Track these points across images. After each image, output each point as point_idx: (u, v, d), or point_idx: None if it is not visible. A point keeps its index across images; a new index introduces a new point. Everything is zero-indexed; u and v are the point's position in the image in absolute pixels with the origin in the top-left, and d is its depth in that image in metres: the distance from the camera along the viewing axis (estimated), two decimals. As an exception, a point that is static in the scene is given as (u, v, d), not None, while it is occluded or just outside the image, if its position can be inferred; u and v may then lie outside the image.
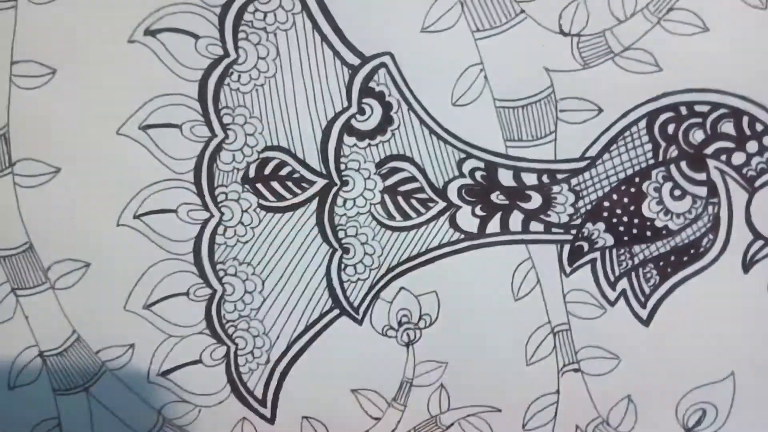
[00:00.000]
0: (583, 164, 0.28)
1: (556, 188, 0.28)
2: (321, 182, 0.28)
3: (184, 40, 0.27)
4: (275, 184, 0.29)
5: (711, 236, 0.28)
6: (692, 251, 0.28)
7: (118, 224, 0.29)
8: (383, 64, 0.28)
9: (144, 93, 0.28)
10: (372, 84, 0.28)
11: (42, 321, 0.29)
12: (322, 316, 0.29)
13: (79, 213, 0.29)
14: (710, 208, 0.28)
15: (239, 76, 0.28)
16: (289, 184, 0.29)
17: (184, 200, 0.28)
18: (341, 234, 0.29)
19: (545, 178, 0.28)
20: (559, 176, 0.28)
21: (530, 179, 0.28)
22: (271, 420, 0.29)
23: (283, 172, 0.28)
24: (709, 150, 0.28)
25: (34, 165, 0.28)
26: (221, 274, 0.29)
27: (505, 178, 0.28)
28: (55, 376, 0.30)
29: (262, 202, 0.29)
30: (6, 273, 0.29)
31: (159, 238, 0.28)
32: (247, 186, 0.28)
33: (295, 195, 0.29)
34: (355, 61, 0.28)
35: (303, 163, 0.28)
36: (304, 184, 0.28)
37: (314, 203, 0.29)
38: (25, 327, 0.29)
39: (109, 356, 0.29)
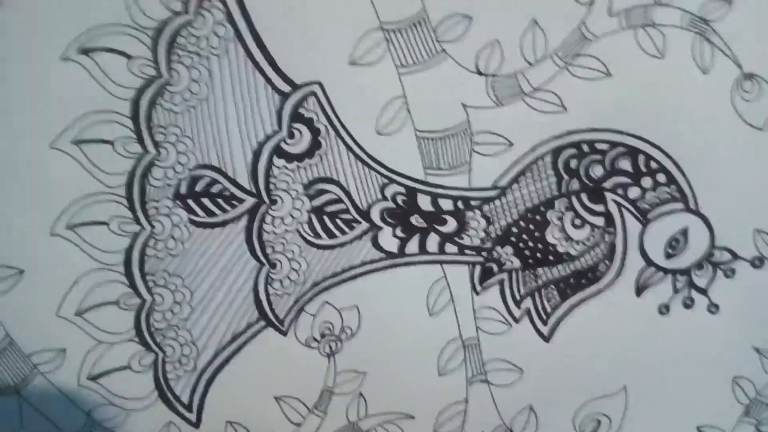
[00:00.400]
0: (494, 193, 0.28)
1: (469, 214, 0.28)
2: (251, 200, 0.28)
3: (117, 59, 0.26)
4: (206, 201, 0.28)
5: (607, 262, 0.29)
6: (590, 275, 0.29)
7: (52, 234, 0.27)
8: (313, 93, 0.27)
9: (77, 109, 0.26)
10: (302, 110, 0.27)
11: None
12: (248, 326, 0.28)
13: (13, 222, 0.27)
14: (607, 236, 0.28)
15: (172, 96, 0.27)
16: (220, 201, 0.28)
17: (116, 213, 0.27)
18: (269, 250, 0.28)
19: (460, 204, 0.28)
20: (473, 203, 0.28)
21: (447, 205, 0.28)
22: (196, 424, 0.29)
23: (214, 189, 0.28)
24: (607, 184, 0.28)
25: (-33, 174, 0.27)
26: (151, 284, 0.28)
27: (424, 202, 0.28)
28: (-16, 380, 0.28)
29: (192, 217, 0.28)
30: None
31: (91, 248, 0.27)
32: (178, 201, 0.28)
33: (225, 212, 0.28)
34: (286, 88, 0.27)
35: (233, 181, 0.27)
36: (234, 202, 0.28)
37: (244, 220, 0.28)
38: (-46, 331, 0.28)
39: (40, 360, 0.28)
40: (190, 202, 0.27)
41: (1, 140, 0.26)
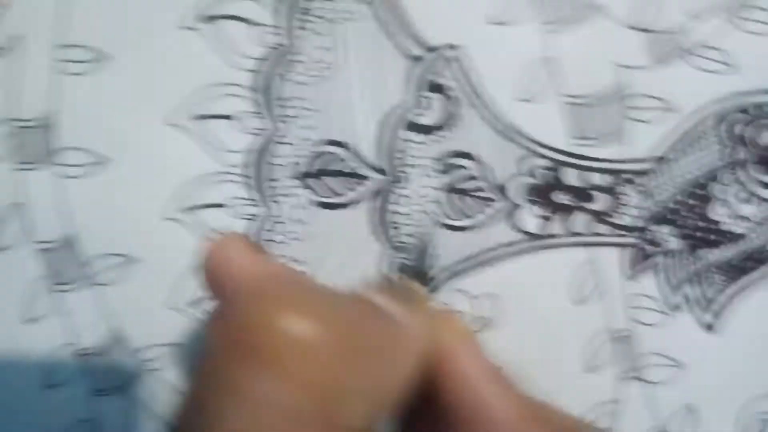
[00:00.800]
0: (650, 164, 0.25)
1: (621, 189, 0.25)
2: (377, 178, 0.25)
3: (240, 27, 0.24)
4: (328, 180, 0.25)
5: (779, 241, 0.25)
6: (757, 256, 0.25)
7: (164, 218, 0.25)
8: (446, 57, 0.25)
9: (196, 82, 0.25)
10: (433, 76, 0.25)
11: (81, 317, 0.26)
12: (373, 317, 0.26)
13: (124, 205, 0.25)
14: (778, 212, 0.25)
15: (295, 66, 0.25)
16: (343, 180, 0.25)
17: (234, 194, 0.25)
18: (395, 231, 0.26)
19: (611, 178, 0.25)
20: (625, 176, 0.25)
21: (596, 179, 0.25)
22: None
23: (338, 167, 0.25)
24: (778, 152, 0.25)
25: (77, 155, 0.25)
26: (271, 271, 0.26)
27: (569, 177, 0.25)
28: (93, 376, 0.26)
29: (314, 197, 0.25)
30: (45, 267, 0.26)
31: (207, 233, 0.25)
32: (299, 181, 0.25)
33: (350, 191, 0.25)
34: (417, 52, 0.25)
35: (358, 158, 0.25)
36: (359, 180, 0.25)
37: (369, 199, 0.25)
38: (63, 323, 0.26)
39: (150, 355, 0.26)
40: (312, 181, 0.25)
41: (112, 117, 0.25)
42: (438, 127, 0.25)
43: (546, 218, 0.25)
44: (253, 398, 0.11)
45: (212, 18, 0.24)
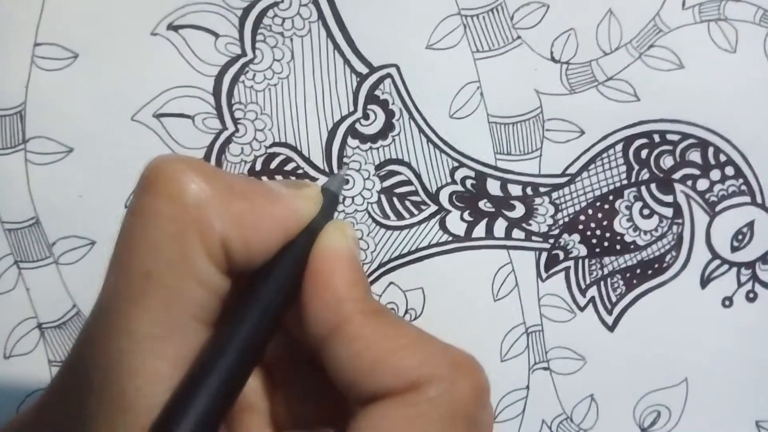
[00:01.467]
0: (563, 180, 0.28)
1: (538, 200, 0.28)
2: (323, 179, 0.28)
3: (205, 37, 0.27)
4: (279, 178, 0.28)
5: (674, 253, 0.29)
6: (656, 266, 0.29)
7: (126, 206, 0.28)
8: (389, 75, 0.27)
9: (161, 83, 0.27)
10: (377, 92, 0.28)
11: (43, 294, 0.28)
12: (314, 305, 0.29)
13: (87, 192, 0.28)
14: (675, 227, 0.29)
15: (254, 75, 0.27)
16: (293, 179, 0.28)
17: (192, 187, 0.28)
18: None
19: (529, 191, 0.28)
20: (542, 189, 0.28)
21: (515, 190, 0.28)
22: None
23: (288, 167, 0.28)
24: (676, 175, 0.28)
25: (47, 143, 0.27)
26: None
27: (493, 187, 0.28)
28: (52, 348, 0.28)
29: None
30: (11, 245, 0.28)
31: (164, 221, 0.28)
32: (252, 178, 0.28)
33: (298, 190, 0.28)
34: (364, 69, 0.27)
35: (308, 160, 0.28)
36: (307, 180, 0.28)
37: (315, 199, 0.28)
38: (25, 299, 0.28)
39: (106, 332, 0.28)
40: (264, 178, 0.28)
41: (83, 110, 0.27)
42: (380, 137, 0.28)
43: (472, 222, 0.28)
44: (146, 211, 0.15)
45: (181, 27, 0.27)
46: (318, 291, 0.16)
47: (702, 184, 0.28)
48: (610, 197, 0.28)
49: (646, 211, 0.28)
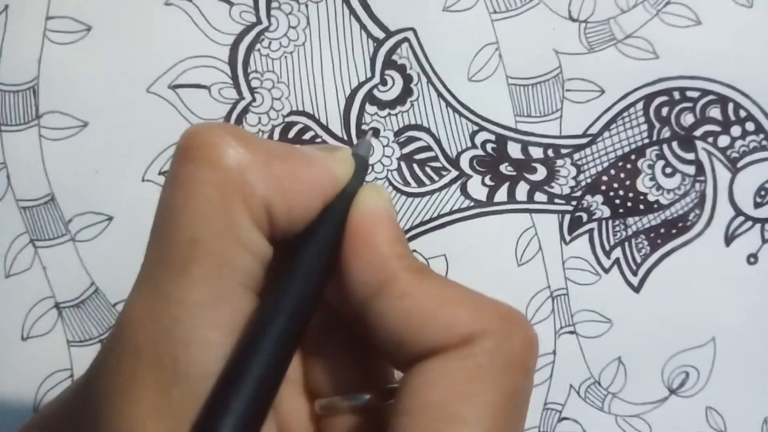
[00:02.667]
0: (585, 141, 0.28)
1: (559, 162, 0.28)
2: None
3: (219, 5, 0.26)
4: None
5: (697, 211, 0.28)
6: (680, 224, 0.28)
7: (143, 180, 0.27)
8: (406, 39, 0.27)
9: (176, 54, 0.27)
10: (395, 57, 0.27)
11: (60, 272, 0.27)
12: (336, 275, 0.28)
13: (103, 167, 0.27)
14: (697, 185, 0.28)
15: (269, 43, 0.27)
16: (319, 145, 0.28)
17: (210, 159, 0.27)
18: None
19: (550, 152, 0.28)
20: (563, 151, 0.28)
21: (537, 153, 0.28)
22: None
23: (306, 136, 0.28)
24: (697, 132, 0.28)
25: (62, 118, 0.27)
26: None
27: (514, 150, 0.28)
28: (71, 328, 0.28)
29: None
30: (26, 224, 0.27)
31: (183, 194, 0.27)
32: (270, 148, 0.28)
33: (317, 159, 0.28)
34: (380, 34, 0.27)
35: (326, 128, 0.28)
36: (338, 144, 0.28)
37: (334, 167, 0.28)
38: (42, 278, 0.27)
39: (126, 309, 0.28)
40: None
41: (97, 84, 0.27)
42: (398, 102, 0.27)
43: (493, 187, 0.28)
44: (188, 179, 0.15)
45: (193, -4, 0.26)
46: (361, 250, 0.16)
47: (723, 141, 0.28)
48: (632, 157, 0.28)
49: (668, 170, 0.28)
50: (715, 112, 0.28)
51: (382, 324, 0.15)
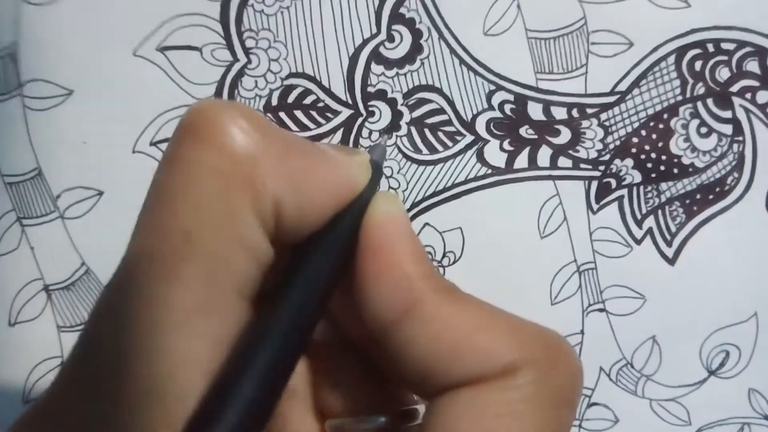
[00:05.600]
0: (612, 99, 0.25)
1: (585, 123, 0.25)
2: (346, 112, 0.25)
3: (210, -43, 0.24)
4: (298, 113, 0.25)
5: (736, 174, 0.26)
6: (717, 189, 0.26)
7: (134, 151, 0.25)
8: (414, -9, 0.25)
9: (163, 12, 0.24)
10: (402, 10, 0.25)
11: (48, 252, 0.25)
12: (343, 251, 0.26)
13: (92, 138, 0.25)
14: (735, 146, 0.26)
15: (266, -2, 0.24)
16: (313, 113, 0.25)
17: (204, 126, 0.25)
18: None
19: (575, 113, 0.25)
20: (589, 111, 0.25)
21: (560, 113, 0.25)
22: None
23: (307, 100, 0.25)
24: (734, 88, 0.25)
25: (45, 86, 0.25)
26: (241, 204, 0.25)
27: (535, 111, 0.25)
28: (60, 312, 0.25)
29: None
30: (12, 201, 0.25)
31: (176, 166, 0.25)
32: (269, 114, 0.25)
33: (319, 125, 0.25)
34: (386, -14, 0.24)
35: (328, 91, 0.25)
36: (328, 114, 0.25)
37: (338, 134, 0.25)
38: (30, 259, 0.25)
39: (118, 291, 0.25)
40: (282, 114, 0.25)
41: (81, 48, 0.24)
42: (407, 61, 0.25)
43: (513, 152, 0.25)
44: (188, 161, 0.13)
45: (182, -51, 0.24)
46: (383, 269, 0.14)
47: (762, 97, 0.25)
48: (665, 116, 0.25)
49: (703, 130, 0.25)
50: (752, 66, 0.25)
51: (408, 351, 0.14)
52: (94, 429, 0.12)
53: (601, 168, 0.26)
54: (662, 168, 0.26)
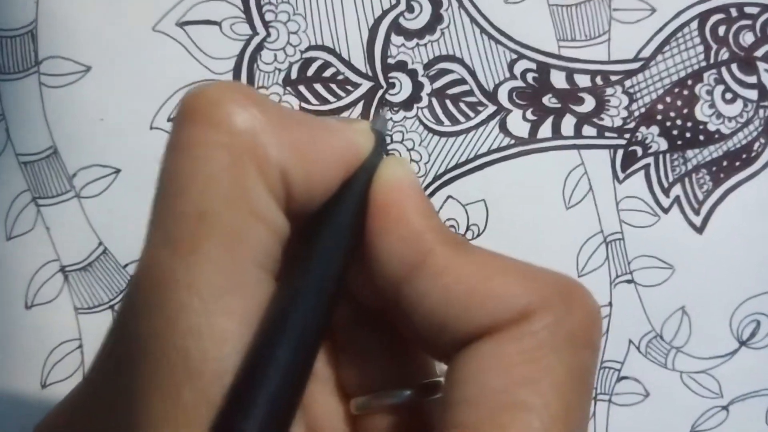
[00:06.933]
0: (636, 65, 0.25)
1: (609, 90, 0.25)
2: (366, 85, 0.25)
3: (228, -72, 0.24)
4: (318, 87, 0.25)
5: (762, 140, 0.25)
6: (744, 156, 0.25)
7: (152, 127, 0.24)
8: (434, -40, 0.24)
9: (183, -14, 0.24)
10: (422, -20, 0.24)
11: (65, 233, 0.25)
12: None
13: (109, 115, 0.24)
14: (761, 111, 0.25)
15: (284, -30, 0.24)
16: (333, 86, 0.25)
17: (223, 101, 0.24)
18: (386, 140, 0.25)
19: (599, 80, 0.25)
20: (613, 78, 0.25)
21: (583, 81, 0.25)
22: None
23: (327, 73, 0.25)
24: (759, 53, 0.25)
25: (63, 63, 0.24)
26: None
27: (558, 80, 0.25)
28: (78, 294, 0.25)
29: (304, 105, 0.25)
30: (27, 181, 0.25)
31: (195, 141, 0.24)
32: (289, 88, 0.25)
33: (339, 98, 0.25)
34: (405, -44, 0.24)
35: (348, 64, 0.25)
36: (348, 87, 0.25)
37: (359, 107, 0.25)
38: (46, 240, 0.25)
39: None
40: (302, 88, 0.24)
41: (99, 24, 0.24)
42: (427, 31, 0.24)
43: (536, 122, 0.25)
44: (193, 143, 0.13)
45: None
46: (391, 225, 0.14)
47: (790, 61, 0.25)
48: (689, 82, 0.25)
49: (728, 95, 0.25)
50: (779, 29, 0.25)
51: (421, 305, 0.13)
52: (130, 415, 0.12)
53: (627, 136, 0.25)
54: (688, 135, 0.25)
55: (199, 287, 0.12)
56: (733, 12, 0.25)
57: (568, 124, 0.25)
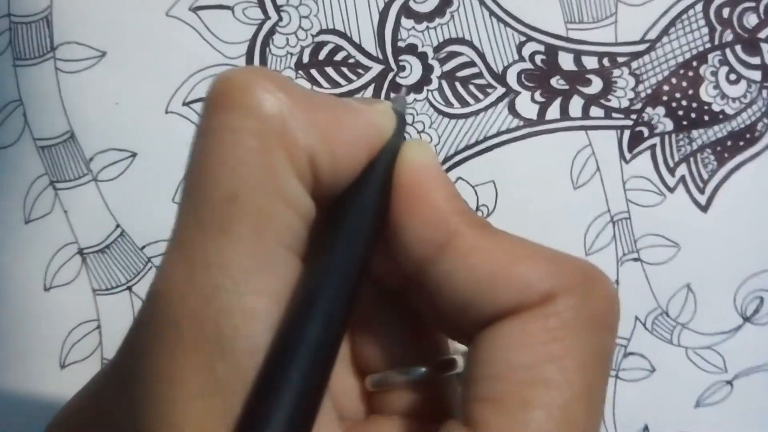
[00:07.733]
0: (643, 47, 0.25)
1: (616, 72, 0.25)
2: (377, 68, 0.25)
3: None
4: (330, 70, 0.25)
5: (766, 120, 0.26)
6: (748, 136, 0.26)
7: (167, 111, 0.25)
8: (443, -56, 0.25)
9: (196, -29, 0.24)
10: (432, -36, 0.25)
11: (82, 216, 0.25)
12: (377, 207, 0.25)
13: (124, 99, 0.25)
14: (764, 92, 0.26)
15: (296, -45, 0.24)
16: (344, 69, 0.25)
17: (237, 84, 0.25)
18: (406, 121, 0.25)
19: (606, 62, 0.25)
20: (620, 59, 0.25)
21: (591, 63, 0.25)
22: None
23: (338, 57, 0.25)
24: (762, 34, 0.25)
25: (78, 49, 0.25)
26: (275, 161, 0.25)
27: (566, 61, 0.25)
28: (96, 275, 0.25)
29: (316, 88, 0.25)
30: (45, 165, 0.25)
31: (209, 125, 0.25)
32: (300, 72, 0.25)
33: (350, 81, 0.25)
34: (415, -60, 0.24)
35: (359, 47, 0.25)
36: (359, 70, 0.25)
37: (370, 90, 0.25)
38: (64, 223, 0.25)
39: (155, 252, 0.25)
40: (313, 71, 0.25)
41: (113, 9, 0.24)
42: (437, 14, 0.25)
43: (544, 103, 0.25)
44: (222, 128, 0.13)
45: None
46: (417, 207, 0.14)
47: (793, 42, 0.25)
48: (694, 63, 0.25)
49: (732, 76, 0.25)
50: (783, 10, 0.25)
51: (447, 285, 0.14)
52: (161, 390, 0.12)
53: (633, 117, 0.26)
54: (693, 115, 0.26)
55: (230, 268, 0.12)
56: (738, -6, 0.26)
57: (575, 105, 0.26)
